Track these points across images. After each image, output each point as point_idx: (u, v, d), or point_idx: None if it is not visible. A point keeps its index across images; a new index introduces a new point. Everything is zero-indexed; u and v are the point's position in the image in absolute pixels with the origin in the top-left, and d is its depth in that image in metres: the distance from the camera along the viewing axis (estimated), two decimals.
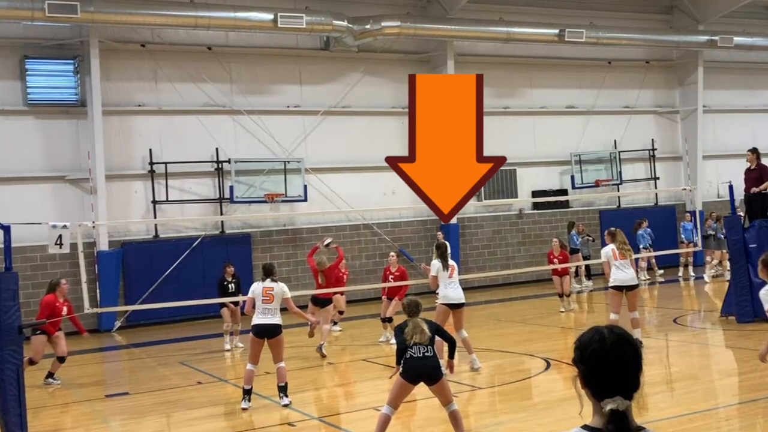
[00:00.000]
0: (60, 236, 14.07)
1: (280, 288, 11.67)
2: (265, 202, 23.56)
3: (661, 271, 26.44)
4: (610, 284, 14.15)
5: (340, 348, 16.66)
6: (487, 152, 20.99)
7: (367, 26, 23.95)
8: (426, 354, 8.45)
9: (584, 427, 2.87)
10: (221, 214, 23.45)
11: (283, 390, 11.47)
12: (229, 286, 17.33)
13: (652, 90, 30.69)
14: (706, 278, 24.29)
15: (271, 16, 22.54)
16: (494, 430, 9.78)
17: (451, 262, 13.31)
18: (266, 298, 11.51)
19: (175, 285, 22.05)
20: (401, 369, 8.57)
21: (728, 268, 22.73)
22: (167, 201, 22.85)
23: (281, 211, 24.27)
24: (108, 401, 13.11)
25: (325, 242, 17.46)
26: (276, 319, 11.50)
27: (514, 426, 9.81)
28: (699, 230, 22.91)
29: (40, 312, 14.13)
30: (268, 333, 11.44)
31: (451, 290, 13.10)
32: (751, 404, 10.23)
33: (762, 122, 32.02)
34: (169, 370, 15.60)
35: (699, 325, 17.46)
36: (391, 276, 17.14)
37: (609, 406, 2.83)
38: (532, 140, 28.08)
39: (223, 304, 17.07)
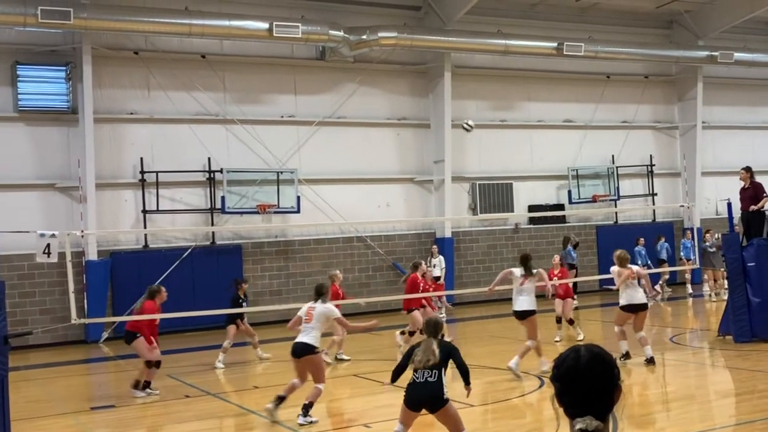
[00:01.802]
0: (48, 245, 13.97)
1: (329, 310, 11.39)
2: (257, 213, 23.29)
3: (670, 290, 26.18)
4: (621, 304, 14.28)
5: (331, 363, 16.33)
6: (484, 165, 21.37)
7: (364, 37, 23.75)
8: (429, 379, 8.02)
9: None
10: (212, 224, 23.18)
11: (304, 408, 11.05)
12: (243, 304, 17.22)
13: (651, 105, 30.49)
14: (713, 297, 24.01)
15: (266, 25, 22.33)
16: None
17: (536, 271, 14.00)
18: (306, 318, 11.30)
19: None
20: (405, 395, 8.20)
21: (725, 286, 22.73)
22: (158, 210, 22.57)
23: (273, 222, 24.00)
24: (93, 414, 12.91)
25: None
26: (306, 338, 11.15)
27: None
28: (696, 248, 22.67)
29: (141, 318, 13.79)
30: (295, 353, 11.19)
31: (515, 299, 13.92)
32: (748, 426, 10.05)
33: (762, 139, 31.87)
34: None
35: (696, 345, 17.23)
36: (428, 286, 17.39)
37: (578, 425, 2.82)
38: (529, 154, 27.86)
39: (233, 321, 16.85)
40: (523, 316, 13.91)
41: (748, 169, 16.91)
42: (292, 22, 22.74)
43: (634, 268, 14.51)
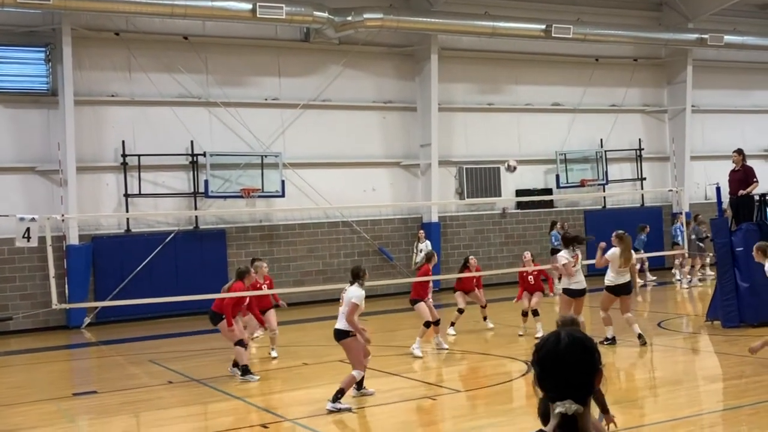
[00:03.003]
0: (28, 229, 13.92)
1: (351, 292, 11.08)
2: (240, 197, 23.00)
3: (653, 278, 25.98)
4: (607, 285, 14.60)
5: (317, 348, 16.19)
6: (471, 149, 21.24)
7: (349, 18, 23.41)
8: None
9: (539, 431, 2.91)
10: (195, 208, 22.89)
11: (335, 396, 10.76)
12: None
13: (640, 88, 30.27)
14: (695, 282, 23.99)
15: (249, 6, 21.95)
16: None
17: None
18: (341, 301, 11.22)
19: (147, 281, 21.58)
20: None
21: (699, 274, 23.96)
22: (140, 194, 22.27)
23: (257, 206, 23.73)
24: (75, 400, 12.78)
25: None
26: (339, 324, 11.10)
27: (494, 430, 9.69)
28: (686, 233, 22.57)
29: (231, 298, 13.43)
30: (335, 337, 11.20)
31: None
32: (736, 411, 10.09)
33: (751, 123, 31.71)
34: (138, 368, 15.34)
35: (684, 330, 17.16)
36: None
37: (558, 409, 2.84)
38: (516, 138, 27.60)
39: None
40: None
41: (740, 152, 16.94)
42: (276, 2, 22.34)
43: (635, 258, 14.82)
